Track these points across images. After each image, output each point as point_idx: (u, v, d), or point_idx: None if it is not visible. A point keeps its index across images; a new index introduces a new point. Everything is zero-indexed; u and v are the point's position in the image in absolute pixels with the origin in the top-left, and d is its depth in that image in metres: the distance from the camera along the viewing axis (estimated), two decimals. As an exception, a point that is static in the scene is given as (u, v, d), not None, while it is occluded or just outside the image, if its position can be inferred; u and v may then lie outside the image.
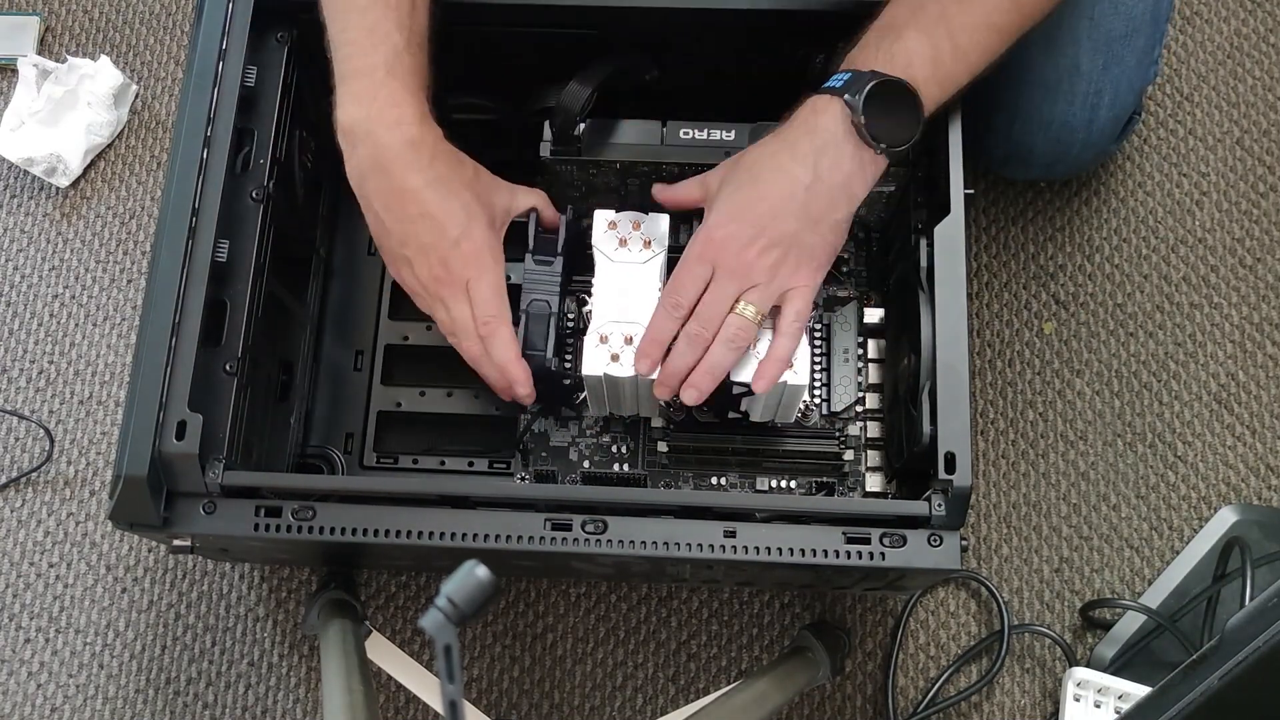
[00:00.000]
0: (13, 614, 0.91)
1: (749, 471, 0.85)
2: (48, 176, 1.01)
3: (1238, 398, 0.95)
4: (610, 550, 0.69)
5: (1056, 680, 0.89)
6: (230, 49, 0.76)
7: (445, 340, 0.90)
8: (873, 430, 0.85)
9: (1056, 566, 0.91)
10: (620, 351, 0.75)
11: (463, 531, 0.69)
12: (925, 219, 0.77)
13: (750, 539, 0.69)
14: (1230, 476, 0.93)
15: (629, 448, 0.86)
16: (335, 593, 0.87)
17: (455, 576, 0.48)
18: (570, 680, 0.90)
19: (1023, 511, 0.93)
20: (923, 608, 0.90)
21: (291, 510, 0.70)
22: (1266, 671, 0.46)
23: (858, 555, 0.68)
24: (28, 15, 1.05)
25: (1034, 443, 0.94)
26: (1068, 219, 0.99)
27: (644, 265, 0.78)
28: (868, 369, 0.86)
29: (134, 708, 0.89)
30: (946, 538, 0.69)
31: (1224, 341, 0.96)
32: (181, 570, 0.92)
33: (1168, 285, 0.98)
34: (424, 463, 0.89)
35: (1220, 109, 1.02)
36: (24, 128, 1.00)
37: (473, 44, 0.82)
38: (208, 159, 0.74)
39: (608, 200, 0.86)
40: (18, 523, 0.94)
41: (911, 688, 0.89)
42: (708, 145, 0.81)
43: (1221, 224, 0.99)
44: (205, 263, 0.72)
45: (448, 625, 0.47)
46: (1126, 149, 1.00)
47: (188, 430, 0.69)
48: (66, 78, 1.01)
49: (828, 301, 0.88)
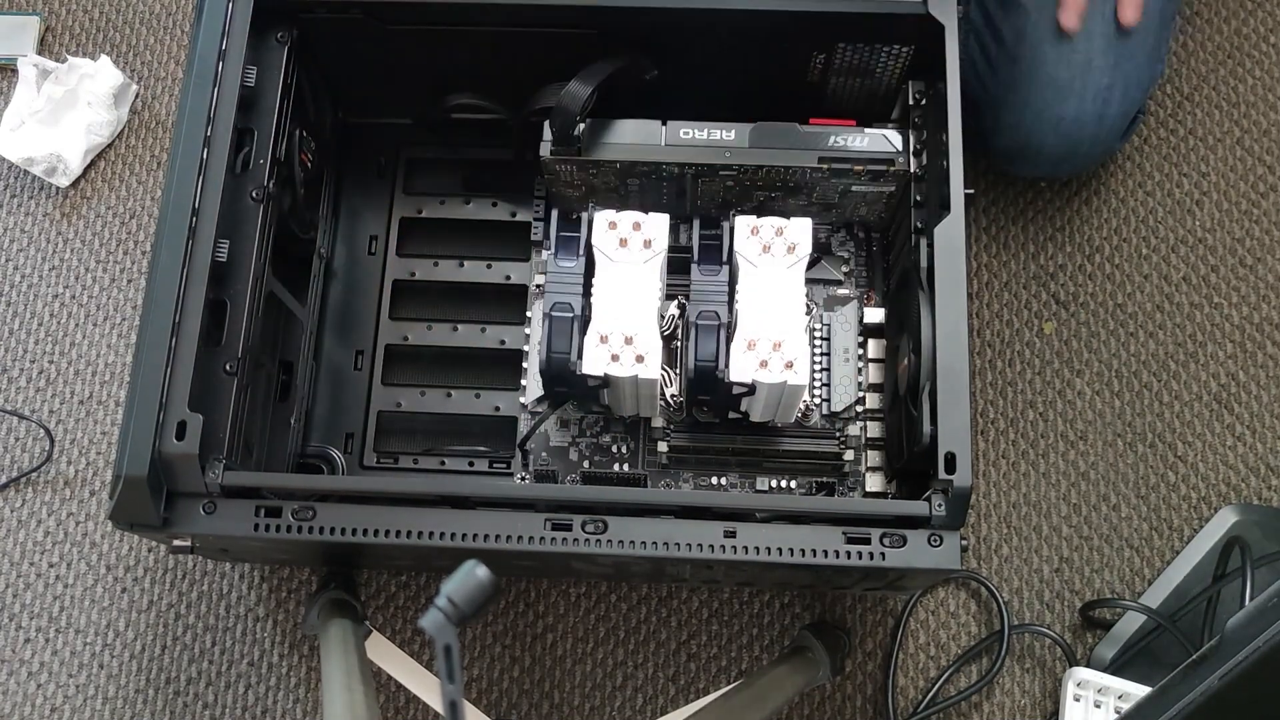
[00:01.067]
0: (13, 614, 0.91)
1: (749, 471, 0.85)
2: (48, 176, 1.01)
3: (1238, 398, 0.95)
4: (610, 550, 0.69)
5: (1056, 680, 0.89)
6: (230, 49, 0.76)
7: (445, 339, 0.91)
8: (873, 430, 0.85)
9: (1056, 566, 0.91)
10: (620, 351, 0.75)
11: (463, 531, 0.69)
12: (925, 219, 0.77)
13: (750, 539, 0.69)
14: (1230, 476, 0.93)
15: (629, 448, 0.86)
16: (335, 593, 0.87)
17: (455, 576, 0.48)
18: (570, 680, 0.90)
19: (1023, 511, 0.93)
20: (923, 608, 0.90)
21: (291, 510, 0.70)
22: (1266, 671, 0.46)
23: (858, 555, 0.68)
24: (28, 15, 1.05)
25: (1034, 443, 0.94)
26: (1068, 219, 0.99)
27: (644, 265, 0.78)
28: (868, 369, 0.86)
29: (134, 708, 0.89)
30: (947, 538, 0.69)
31: (1224, 341, 0.96)
32: (181, 570, 0.92)
33: (1168, 285, 0.98)
34: (424, 463, 0.89)
35: (1220, 109, 1.02)
36: (24, 127, 1.00)
37: (473, 43, 0.82)
38: (208, 159, 0.74)
39: (607, 200, 0.86)
40: (18, 523, 0.94)
41: (911, 688, 0.89)
42: (708, 145, 0.81)
43: (1221, 224, 0.99)
44: (205, 263, 0.72)
45: (448, 625, 0.47)
46: (1127, 149, 1.00)
47: (188, 430, 0.69)
48: (66, 77, 1.01)
49: (828, 301, 0.88)
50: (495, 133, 0.89)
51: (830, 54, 0.81)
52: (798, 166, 0.81)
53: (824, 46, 0.80)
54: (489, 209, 0.93)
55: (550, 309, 0.78)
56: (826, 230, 0.89)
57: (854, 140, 0.80)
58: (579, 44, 0.80)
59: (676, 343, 0.85)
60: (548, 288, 0.79)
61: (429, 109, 0.89)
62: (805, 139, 0.81)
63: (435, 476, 0.88)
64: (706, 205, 0.86)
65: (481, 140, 0.92)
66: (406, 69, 0.86)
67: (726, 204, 0.86)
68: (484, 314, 0.92)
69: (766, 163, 0.80)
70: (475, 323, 0.92)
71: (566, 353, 0.77)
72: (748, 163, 0.80)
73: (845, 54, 0.80)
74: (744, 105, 0.82)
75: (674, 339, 0.85)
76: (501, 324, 0.92)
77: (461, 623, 0.48)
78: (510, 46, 0.81)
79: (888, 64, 0.81)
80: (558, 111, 0.79)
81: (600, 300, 0.77)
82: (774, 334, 0.75)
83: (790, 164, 0.81)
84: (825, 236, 0.89)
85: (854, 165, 0.80)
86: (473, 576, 0.48)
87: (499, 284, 0.92)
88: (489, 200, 0.93)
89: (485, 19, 0.79)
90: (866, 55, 0.80)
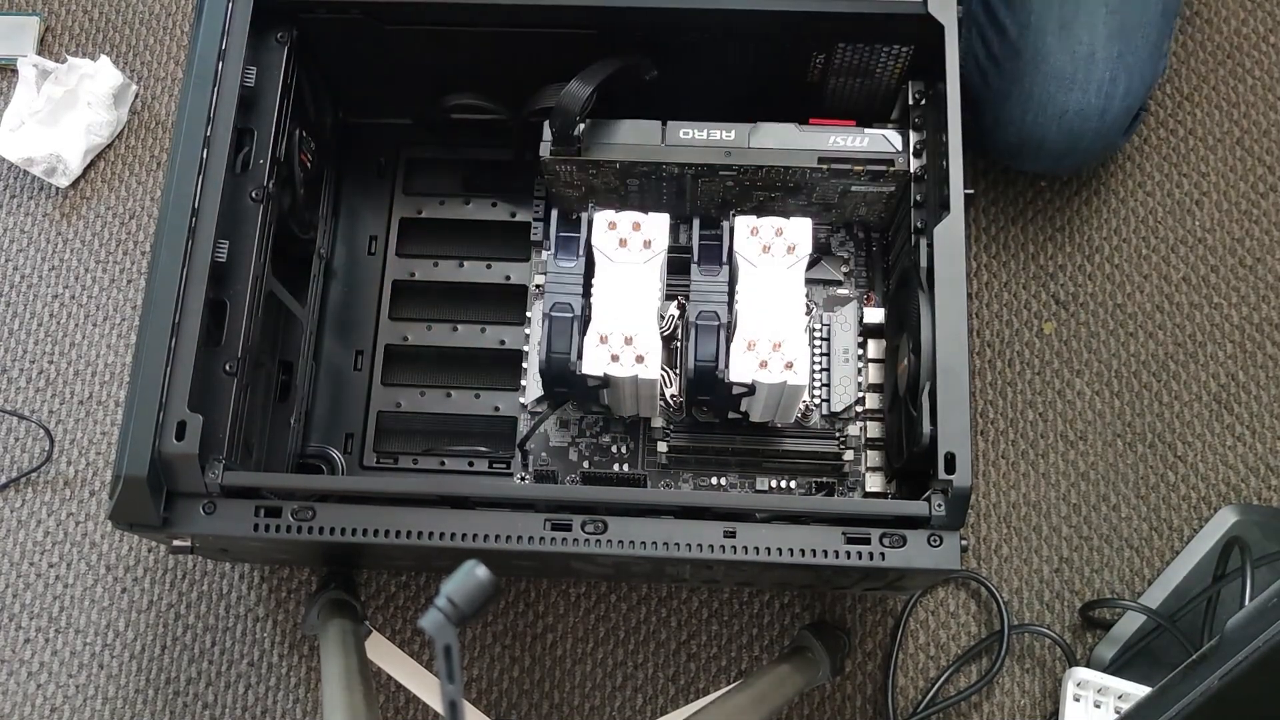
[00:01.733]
0: (13, 614, 0.91)
1: (749, 472, 0.85)
2: (48, 176, 1.01)
3: (1237, 398, 0.95)
4: (610, 550, 0.69)
5: (1056, 680, 0.89)
6: (230, 49, 0.76)
7: (445, 340, 0.91)
8: (873, 430, 0.85)
9: (1056, 566, 0.91)
10: (620, 352, 0.75)
11: (462, 532, 0.69)
12: (925, 219, 0.77)
13: (750, 539, 0.69)
14: (1230, 476, 0.93)
15: (629, 448, 0.86)
16: (335, 593, 0.87)
17: (455, 576, 0.48)
18: (570, 680, 0.90)
19: (1023, 511, 0.93)
20: (923, 608, 0.90)
21: (291, 510, 0.70)
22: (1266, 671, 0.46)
23: (857, 555, 0.68)
24: (27, 15, 1.05)
25: (1034, 443, 0.94)
26: (1068, 219, 0.99)
27: (644, 265, 0.78)
28: (868, 369, 0.86)
29: (134, 708, 0.89)
30: (946, 538, 0.68)
31: (1224, 341, 0.96)
32: (181, 570, 0.92)
33: (1168, 285, 0.97)
34: (424, 463, 0.89)
35: (1220, 109, 1.02)
36: (24, 128, 1.00)
37: (473, 44, 0.82)
38: (207, 159, 0.74)
39: (606, 200, 0.86)
40: (18, 523, 0.94)
41: (911, 688, 0.89)
42: (707, 145, 0.81)
43: (1221, 224, 0.99)
44: (205, 263, 0.72)
45: (447, 625, 0.47)
46: (1127, 149, 1.00)
47: (187, 430, 0.69)
48: (66, 78, 1.01)
49: (828, 301, 0.88)
50: (495, 133, 0.89)
51: (830, 54, 0.81)
52: (797, 167, 0.81)
53: (824, 46, 0.80)
54: (489, 209, 0.93)
55: (550, 309, 0.78)
56: (826, 230, 0.89)
57: (854, 140, 0.80)
58: (579, 44, 0.80)
59: (676, 343, 0.85)
60: (547, 288, 0.79)
61: (429, 109, 0.89)
62: (805, 139, 0.81)
63: (435, 477, 0.88)
64: (706, 205, 0.86)
65: (481, 140, 0.92)
66: (406, 69, 0.86)
67: (726, 204, 0.86)
68: (484, 314, 0.92)
69: (766, 163, 0.80)
70: (475, 323, 0.92)
71: (566, 353, 0.77)
72: (747, 163, 0.80)
73: (845, 54, 0.80)
74: (744, 105, 0.82)
75: (674, 339, 0.85)
76: (501, 324, 0.92)
77: (461, 623, 0.48)
78: (510, 46, 0.81)
79: (888, 64, 0.81)
80: (557, 111, 0.79)
81: (600, 300, 0.77)
82: (774, 334, 0.75)
83: (790, 164, 0.80)
84: (825, 236, 0.89)
85: (854, 165, 0.80)
86: (472, 576, 0.48)
87: (499, 284, 0.92)
88: (489, 200, 0.93)
89: (485, 19, 0.79)
90: (866, 55, 0.80)
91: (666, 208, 0.85)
